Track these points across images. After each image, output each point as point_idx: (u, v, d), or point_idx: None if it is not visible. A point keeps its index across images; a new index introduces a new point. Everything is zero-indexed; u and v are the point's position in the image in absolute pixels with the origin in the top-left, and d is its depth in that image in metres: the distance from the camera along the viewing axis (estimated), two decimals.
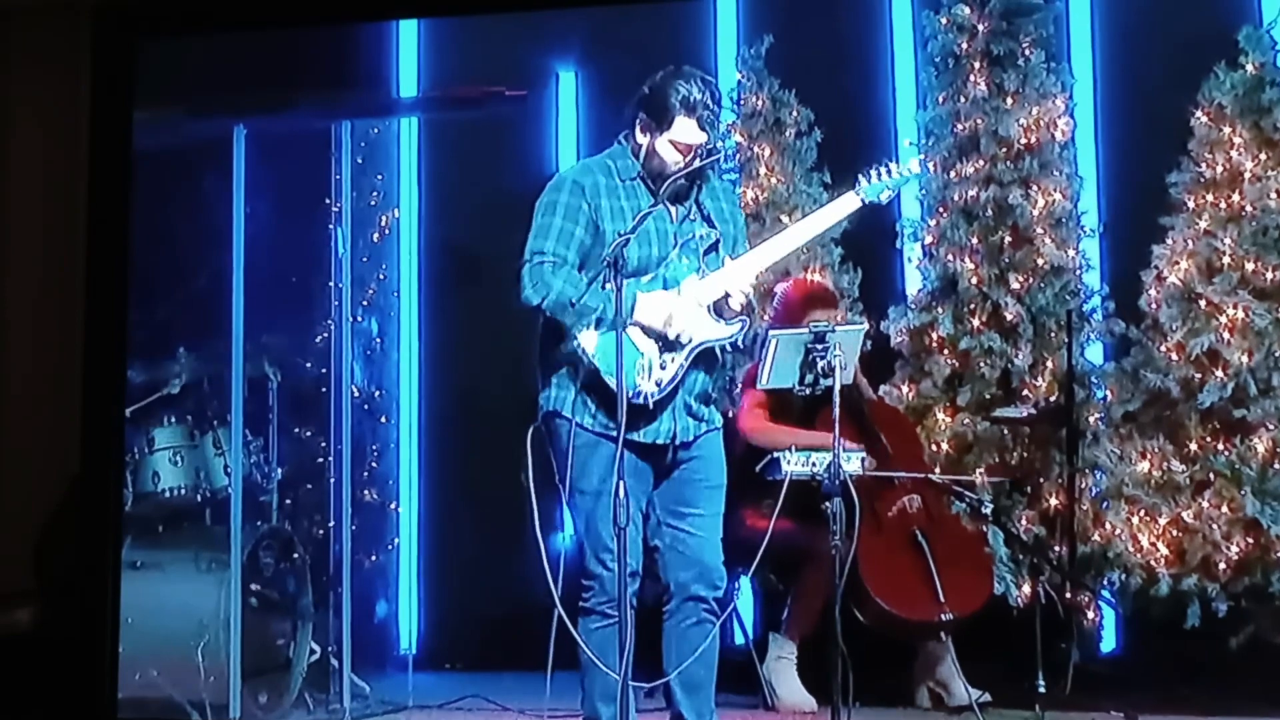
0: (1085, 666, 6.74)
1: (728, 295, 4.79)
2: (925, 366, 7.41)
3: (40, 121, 7.07)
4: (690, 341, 4.77)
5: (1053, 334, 7.28)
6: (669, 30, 7.91)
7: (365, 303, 7.78)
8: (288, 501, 6.95)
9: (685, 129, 4.76)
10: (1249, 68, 7.02)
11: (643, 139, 4.83)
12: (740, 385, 6.71)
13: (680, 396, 4.80)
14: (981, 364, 7.30)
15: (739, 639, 6.86)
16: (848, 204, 5.02)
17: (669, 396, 4.77)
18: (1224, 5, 7.40)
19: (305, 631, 6.64)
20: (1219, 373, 6.84)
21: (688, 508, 4.84)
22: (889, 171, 5.00)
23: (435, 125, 8.26)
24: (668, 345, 4.76)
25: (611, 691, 4.61)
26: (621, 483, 4.50)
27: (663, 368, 4.75)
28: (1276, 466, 6.71)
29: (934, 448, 7.22)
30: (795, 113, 7.72)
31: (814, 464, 5.88)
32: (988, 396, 7.29)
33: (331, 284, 6.93)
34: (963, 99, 7.51)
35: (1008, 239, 7.38)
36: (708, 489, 4.87)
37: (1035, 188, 7.37)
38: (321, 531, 6.94)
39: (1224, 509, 6.72)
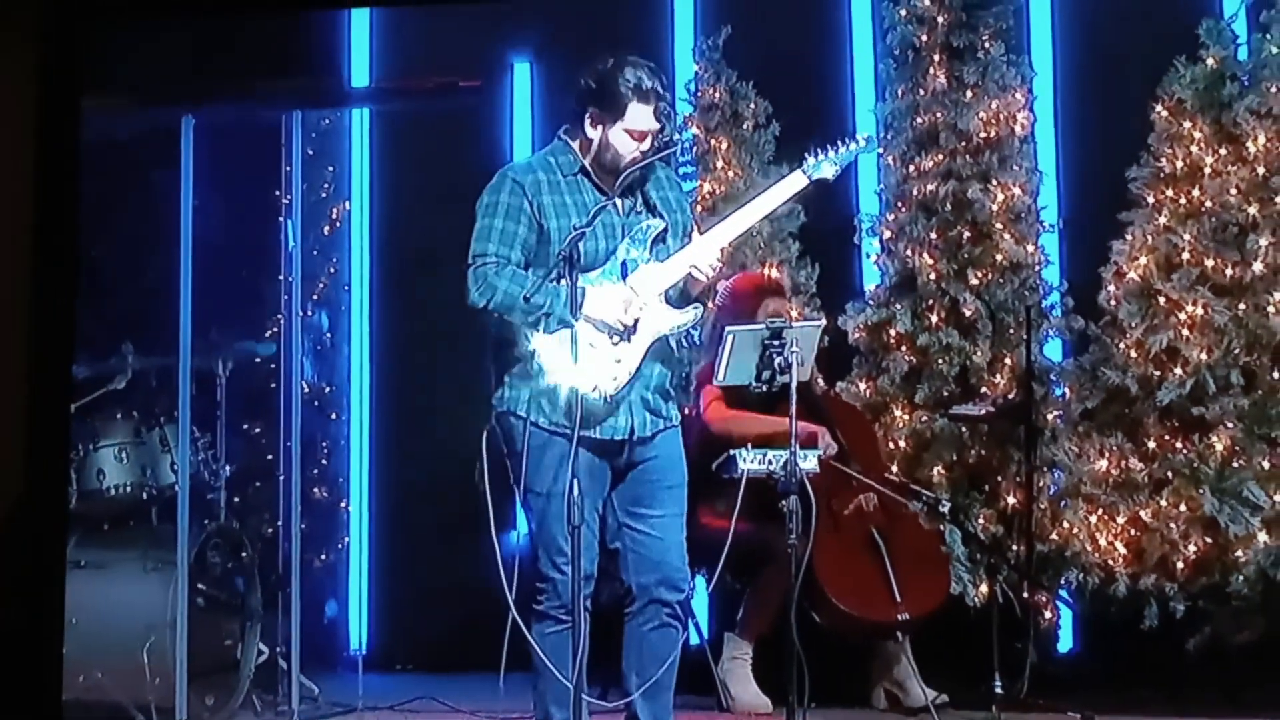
0: (1042, 667, 6.71)
1: (682, 280, 4.73)
2: (883, 363, 7.37)
3: None
4: (646, 332, 4.70)
5: (1011, 330, 7.26)
6: (625, 20, 7.87)
7: (315, 297, 7.75)
8: (236, 499, 6.90)
9: (640, 115, 4.69)
10: (1210, 61, 6.98)
11: (594, 132, 4.75)
12: (696, 381, 6.63)
13: (637, 390, 4.73)
14: (940, 360, 7.26)
15: (693, 639, 6.79)
16: (794, 183, 4.93)
17: (625, 390, 4.70)
18: None
19: (253, 632, 6.58)
20: (1178, 370, 6.79)
21: (646, 508, 4.78)
22: (834, 147, 4.93)
23: (388, 116, 8.22)
24: (623, 339, 4.68)
25: (566, 697, 4.54)
26: (575, 481, 4.43)
27: (618, 362, 4.67)
28: (1235, 465, 6.68)
29: (891, 445, 7.17)
30: (753, 105, 7.66)
31: (770, 461, 5.81)
32: (946, 393, 7.25)
33: (281, 278, 6.84)
34: (922, 92, 7.47)
35: (966, 234, 7.34)
36: (666, 489, 4.80)
37: (995, 182, 7.33)
38: (270, 530, 6.91)
39: (1182, 508, 6.68)
